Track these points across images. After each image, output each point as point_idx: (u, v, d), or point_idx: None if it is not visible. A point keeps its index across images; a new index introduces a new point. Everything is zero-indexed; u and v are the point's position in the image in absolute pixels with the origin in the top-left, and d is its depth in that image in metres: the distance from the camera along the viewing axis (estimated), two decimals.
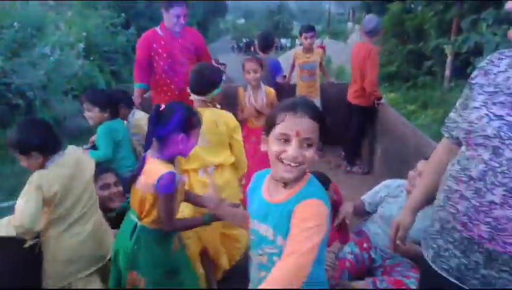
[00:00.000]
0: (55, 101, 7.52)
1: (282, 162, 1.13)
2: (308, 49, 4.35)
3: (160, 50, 3.13)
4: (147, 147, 1.71)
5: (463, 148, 1.20)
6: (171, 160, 1.70)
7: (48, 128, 1.79)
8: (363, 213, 2.37)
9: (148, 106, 3.13)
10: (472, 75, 1.21)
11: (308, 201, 1.13)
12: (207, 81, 2.11)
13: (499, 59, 1.15)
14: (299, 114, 1.11)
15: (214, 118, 2.09)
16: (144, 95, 3.35)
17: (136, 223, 1.70)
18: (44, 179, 1.68)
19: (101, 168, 2.30)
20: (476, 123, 1.11)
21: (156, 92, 3.31)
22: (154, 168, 1.63)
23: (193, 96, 2.13)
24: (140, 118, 2.97)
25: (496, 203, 1.07)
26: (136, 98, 3.22)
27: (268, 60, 4.35)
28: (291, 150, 1.10)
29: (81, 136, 2.62)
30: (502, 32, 4.85)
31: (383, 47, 10.97)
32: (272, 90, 3.15)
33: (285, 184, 1.20)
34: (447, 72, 8.06)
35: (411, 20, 9.81)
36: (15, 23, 6.64)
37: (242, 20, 69.86)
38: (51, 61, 6.94)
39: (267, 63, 4.32)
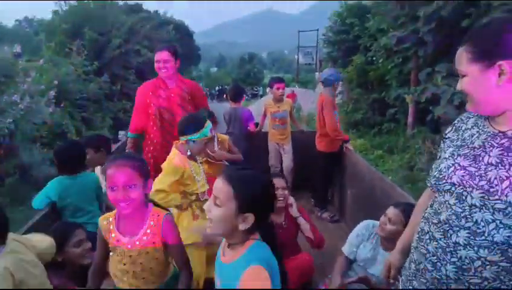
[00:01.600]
0: (22, 149, 7.30)
1: None
2: (279, 100, 4.52)
3: (151, 99, 3.22)
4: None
5: (436, 193, 1.31)
6: None
7: None
8: (348, 265, 2.38)
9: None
10: (446, 131, 1.37)
11: (249, 271, 1.19)
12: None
13: (467, 118, 1.32)
14: None
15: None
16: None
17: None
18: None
19: (72, 224, 2.26)
20: (444, 172, 1.23)
21: (145, 140, 3.37)
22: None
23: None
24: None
25: (460, 245, 1.16)
26: (129, 147, 3.31)
27: (239, 109, 4.51)
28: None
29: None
30: (456, 84, 5.28)
31: (349, 96, 11.58)
32: (225, 137, 3.05)
33: (229, 244, 1.32)
34: (410, 120, 8.54)
35: (373, 71, 10.48)
36: None
37: (215, 69, 71.78)
38: (19, 109, 6.81)
39: (239, 112, 4.49)
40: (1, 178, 6.93)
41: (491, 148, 1.17)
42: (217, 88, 36.14)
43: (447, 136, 1.35)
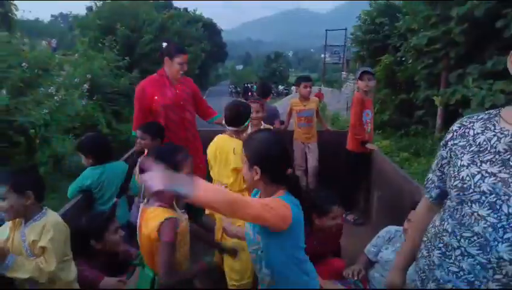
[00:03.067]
0: (56, 139, 7.64)
1: None
2: (305, 98, 4.52)
3: (157, 97, 3.14)
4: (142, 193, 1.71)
5: (451, 204, 1.21)
6: (170, 205, 1.70)
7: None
8: (369, 265, 2.41)
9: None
10: (446, 138, 1.27)
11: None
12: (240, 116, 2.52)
13: (470, 123, 1.23)
14: None
15: (221, 144, 2.52)
16: None
17: (154, 277, 1.67)
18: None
19: (105, 213, 2.35)
20: (469, 180, 1.12)
21: None
22: (153, 217, 1.62)
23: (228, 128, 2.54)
24: None
25: (505, 260, 1.06)
26: (137, 147, 3.21)
27: (266, 106, 4.59)
28: None
29: (80, 174, 2.65)
30: (487, 86, 5.15)
31: (376, 96, 11.42)
32: (270, 127, 3.46)
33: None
34: (438, 122, 8.36)
35: (402, 72, 10.30)
36: (23, 63, 6.90)
37: (241, 66, 72.20)
38: (54, 101, 7.13)
39: (265, 109, 4.57)
40: (35, 167, 7.29)
41: None
42: (244, 85, 36.32)
43: (451, 143, 1.24)
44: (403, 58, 10.63)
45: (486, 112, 1.24)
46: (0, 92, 6.33)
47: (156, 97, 3.13)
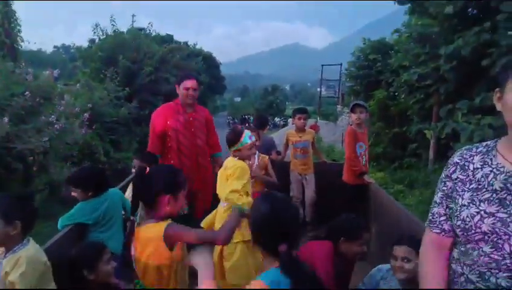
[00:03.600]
0: (53, 167, 7.70)
1: None
2: (301, 129, 4.60)
3: (169, 122, 3.35)
4: (133, 210, 1.72)
5: (457, 239, 1.24)
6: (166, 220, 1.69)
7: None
8: None
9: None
10: (449, 171, 1.29)
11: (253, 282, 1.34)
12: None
13: (470, 156, 1.25)
14: None
15: (225, 163, 2.83)
16: None
17: None
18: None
19: (98, 243, 2.28)
20: (469, 221, 1.15)
21: (163, 161, 3.45)
22: (154, 228, 1.60)
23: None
24: None
25: (503, 287, 1.10)
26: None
27: (262, 137, 4.72)
28: None
29: (75, 202, 2.64)
30: (475, 121, 5.35)
31: (370, 129, 11.67)
32: (265, 157, 3.62)
33: None
34: (431, 155, 8.53)
35: (395, 106, 10.60)
36: (26, 92, 7.07)
37: (238, 99, 73.23)
38: (55, 129, 7.26)
39: (262, 140, 4.69)
40: (32, 194, 7.32)
41: None
42: (240, 117, 36.80)
43: (455, 176, 1.26)
44: (396, 93, 10.96)
45: (484, 143, 1.26)
46: (2, 120, 6.46)
47: (168, 121, 3.36)
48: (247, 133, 2.79)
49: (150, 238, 1.61)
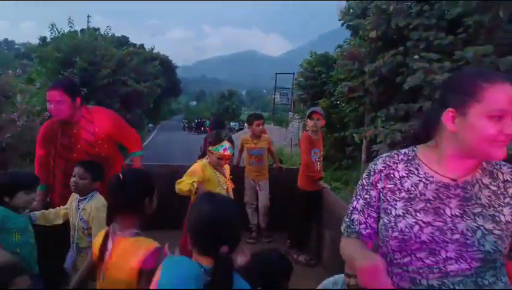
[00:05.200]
0: (13, 163, 8.02)
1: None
2: (256, 136, 4.48)
3: (54, 147, 2.77)
4: (109, 221, 1.62)
5: (386, 249, 1.20)
6: (142, 230, 1.63)
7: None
8: None
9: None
10: (373, 179, 1.22)
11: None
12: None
13: (393, 163, 1.21)
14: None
15: None
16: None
17: None
18: None
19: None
20: (408, 232, 1.12)
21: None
22: (138, 246, 1.52)
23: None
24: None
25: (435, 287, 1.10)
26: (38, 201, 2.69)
27: None
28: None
29: None
30: (390, 127, 6.59)
31: None
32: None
33: None
34: (363, 156, 9.84)
35: (336, 113, 11.92)
36: None
37: (194, 102, 73.18)
38: (17, 126, 7.62)
39: None
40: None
41: (449, 199, 1.12)
42: (196, 121, 37.25)
43: (380, 186, 1.20)
44: (337, 102, 12.30)
45: (402, 151, 1.23)
46: None
47: (51, 144, 2.86)
48: (225, 143, 2.80)
49: (127, 258, 1.52)
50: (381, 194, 1.21)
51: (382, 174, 1.21)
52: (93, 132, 2.72)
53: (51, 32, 14.68)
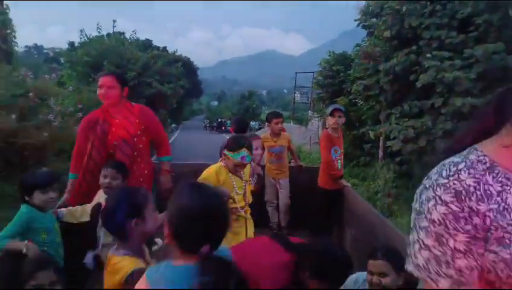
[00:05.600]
0: (50, 160, 8.70)
1: None
2: (276, 134, 4.45)
3: (94, 133, 2.83)
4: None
5: None
6: (139, 251, 1.63)
7: None
8: None
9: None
10: (471, 201, 0.82)
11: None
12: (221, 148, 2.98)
13: (481, 175, 0.85)
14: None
15: None
16: None
17: None
18: None
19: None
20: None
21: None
22: (121, 266, 1.52)
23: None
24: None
25: None
26: (67, 190, 2.89)
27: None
28: None
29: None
30: (403, 123, 6.83)
31: None
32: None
33: None
34: (380, 153, 10.04)
35: (354, 111, 12.13)
36: (30, 93, 8.07)
37: (215, 103, 74.14)
38: (54, 126, 8.28)
39: None
40: None
41: None
42: (217, 121, 37.94)
43: (487, 210, 0.82)
44: (355, 100, 12.50)
45: (469, 157, 0.87)
46: (9, 117, 7.43)
47: (90, 136, 2.92)
48: (244, 152, 2.54)
49: (115, 277, 1.53)
50: (487, 219, 0.83)
51: (478, 192, 0.83)
52: (134, 122, 2.84)
53: (80, 38, 15.53)
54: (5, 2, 10.94)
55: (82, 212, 2.53)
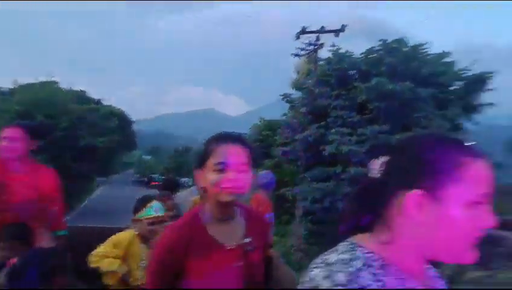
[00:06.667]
0: None
1: None
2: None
3: None
4: None
5: None
6: None
7: None
8: None
9: None
10: None
11: None
12: None
13: (354, 275, 0.73)
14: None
15: None
16: None
17: None
18: None
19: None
20: None
21: None
22: None
23: None
24: None
25: None
26: None
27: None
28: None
29: None
30: (313, 186, 7.92)
31: None
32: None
33: None
34: (296, 211, 11.14)
35: (279, 173, 13.32)
36: None
37: (148, 157, 72.61)
38: None
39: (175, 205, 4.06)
40: None
41: None
42: (148, 176, 37.15)
43: None
44: (281, 163, 13.77)
45: (344, 254, 0.77)
46: None
47: None
48: (155, 204, 2.35)
49: None
50: None
51: None
52: (32, 184, 2.47)
53: (14, 86, 15.27)
54: None
55: None
